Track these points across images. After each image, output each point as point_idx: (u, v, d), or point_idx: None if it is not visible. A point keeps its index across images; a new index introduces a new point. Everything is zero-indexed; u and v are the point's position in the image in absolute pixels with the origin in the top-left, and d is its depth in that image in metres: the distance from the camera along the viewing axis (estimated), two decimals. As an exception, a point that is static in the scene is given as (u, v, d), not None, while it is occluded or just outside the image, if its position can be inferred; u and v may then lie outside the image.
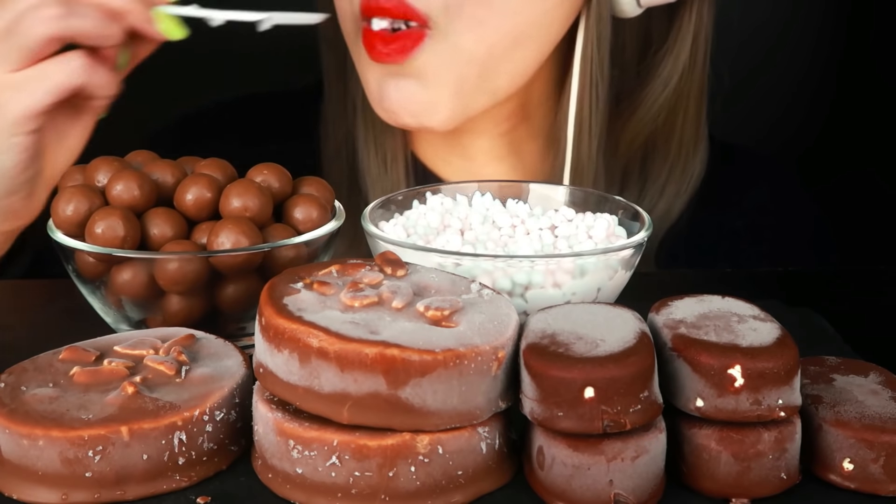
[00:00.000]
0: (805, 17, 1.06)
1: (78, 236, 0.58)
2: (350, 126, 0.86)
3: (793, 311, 0.62)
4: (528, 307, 0.56)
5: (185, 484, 0.47)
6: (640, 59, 0.85)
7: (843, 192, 1.07)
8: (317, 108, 0.89)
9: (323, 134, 0.88)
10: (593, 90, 0.80)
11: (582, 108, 0.80)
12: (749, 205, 0.91)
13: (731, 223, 0.90)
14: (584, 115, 0.81)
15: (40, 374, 0.49)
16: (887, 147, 1.07)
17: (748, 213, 0.91)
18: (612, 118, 0.84)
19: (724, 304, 0.50)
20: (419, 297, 0.49)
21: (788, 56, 1.06)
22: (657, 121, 0.85)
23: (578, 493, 0.44)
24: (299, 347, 0.44)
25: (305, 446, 0.45)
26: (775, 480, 0.46)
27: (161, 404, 0.47)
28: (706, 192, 0.88)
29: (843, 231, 1.03)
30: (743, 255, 0.90)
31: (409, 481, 0.45)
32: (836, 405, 0.48)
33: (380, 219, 0.63)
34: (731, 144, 0.93)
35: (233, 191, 0.58)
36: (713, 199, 0.89)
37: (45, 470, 0.45)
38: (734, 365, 0.45)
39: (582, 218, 0.62)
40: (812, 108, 1.08)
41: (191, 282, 0.56)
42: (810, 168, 1.06)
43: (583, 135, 0.81)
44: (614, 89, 0.83)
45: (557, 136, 0.83)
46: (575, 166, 0.81)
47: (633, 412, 0.44)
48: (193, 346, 0.52)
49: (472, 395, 0.45)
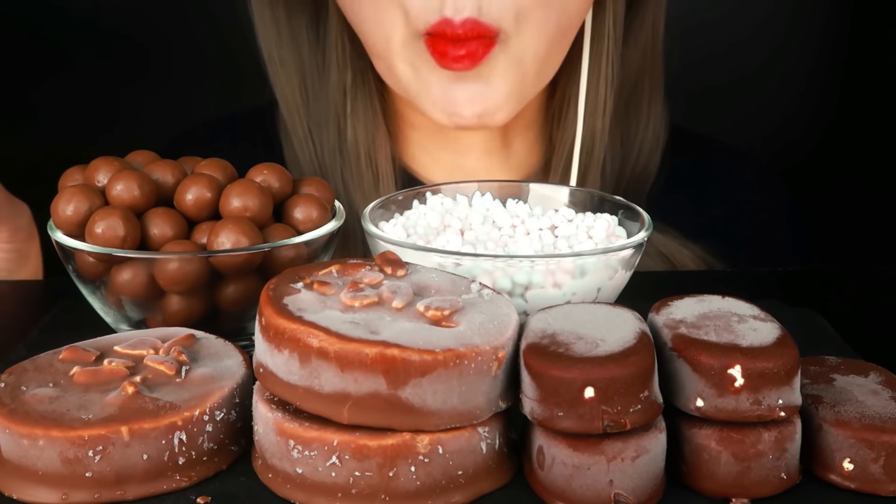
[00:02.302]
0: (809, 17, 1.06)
1: (78, 236, 0.58)
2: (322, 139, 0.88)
3: (793, 311, 0.62)
4: (528, 307, 0.56)
5: (185, 484, 0.47)
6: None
7: (842, 193, 1.07)
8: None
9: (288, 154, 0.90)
10: (608, 67, 0.83)
11: (598, 85, 0.83)
12: (730, 198, 0.94)
13: (710, 214, 0.93)
14: (600, 93, 0.83)
15: (40, 374, 0.49)
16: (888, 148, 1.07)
17: (729, 206, 0.94)
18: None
19: (724, 304, 0.50)
20: (419, 297, 0.49)
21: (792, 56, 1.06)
22: (631, 81, 0.89)
23: (578, 493, 0.44)
24: (299, 347, 0.44)
25: (305, 446, 0.45)
26: (775, 480, 0.46)
27: (161, 404, 0.47)
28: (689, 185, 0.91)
29: (843, 231, 1.03)
30: (721, 240, 0.92)
31: (409, 481, 0.45)
32: (836, 405, 0.48)
33: (380, 219, 0.63)
34: (720, 141, 0.96)
35: (233, 191, 0.58)
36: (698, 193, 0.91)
37: (45, 470, 0.45)
38: (734, 365, 0.45)
39: (582, 218, 0.62)
40: (815, 108, 1.08)
41: (191, 282, 0.56)
42: (810, 169, 1.06)
43: (597, 111, 0.84)
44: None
45: (550, 123, 0.86)
46: (586, 142, 0.83)
47: (633, 412, 0.44)
48: (193, 346, 0.52)
49: (472, 395, 0.45)
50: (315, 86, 0.87)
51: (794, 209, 0.98)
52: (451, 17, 0.74)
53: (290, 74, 0.88)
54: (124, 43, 1.00)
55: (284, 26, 0.87)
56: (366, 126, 0.85)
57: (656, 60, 0.90)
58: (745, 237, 0.94)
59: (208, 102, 0.99)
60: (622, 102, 0.90)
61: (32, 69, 1.00)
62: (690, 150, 0.94)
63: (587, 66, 0.83)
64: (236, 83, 1.01)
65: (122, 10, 0.99)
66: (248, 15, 0.90)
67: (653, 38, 0.89)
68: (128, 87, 0.99)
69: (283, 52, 0.87)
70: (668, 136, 0.92)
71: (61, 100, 0.99)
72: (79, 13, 0.99)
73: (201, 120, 0.96)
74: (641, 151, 0.91)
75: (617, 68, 0.84)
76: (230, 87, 1.01)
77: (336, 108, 0.86)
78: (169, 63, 1.00)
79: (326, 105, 0.87)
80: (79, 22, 0.99)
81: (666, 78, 0.91)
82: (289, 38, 0.87)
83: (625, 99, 0.90)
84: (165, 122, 0.96)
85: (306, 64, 0.88)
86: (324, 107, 0.87)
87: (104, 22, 0.99)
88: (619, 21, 0.83)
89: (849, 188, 1.06)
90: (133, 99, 1.00)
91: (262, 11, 0.87)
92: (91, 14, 0.99)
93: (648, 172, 0.91)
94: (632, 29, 0.88)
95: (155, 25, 1.00)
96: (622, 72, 0.88)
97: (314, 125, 0.88)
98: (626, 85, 0.89)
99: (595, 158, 0.85)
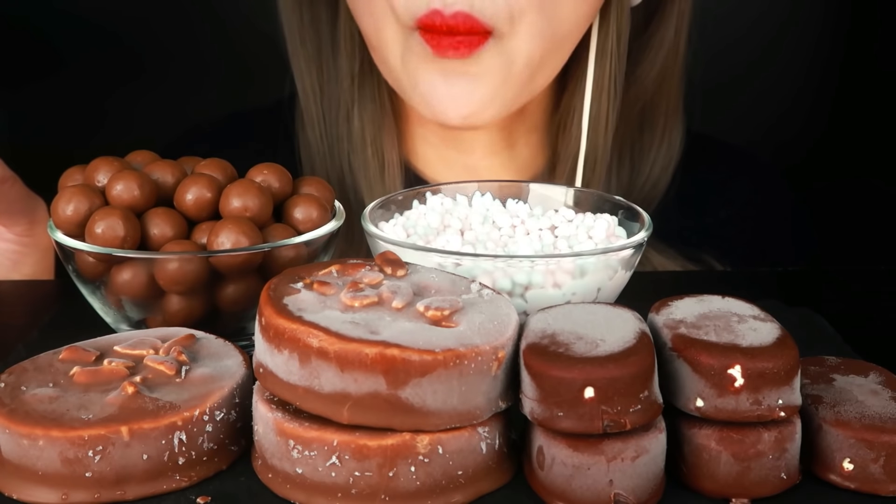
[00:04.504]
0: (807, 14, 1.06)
1: (78, 236, 0.58)
2: (335, 135, 0.88)
3: (793, 311, 0.62)
4: (528, 307, 0.56)
5: (185, 484, 0.47)
6: (631, 42, 0.88)
7: (843, 193, 1.07)
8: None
9: (302, 147, 0.90)
10: (611, 84, 0.83)
11: (601, 101, 0.83)
12: (733, 199, 0.94)
13: (714, 215, 0.93)
14: (602, 108, 0.83)
15: (40, 374, 0.49)
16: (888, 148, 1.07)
17: (732, 206, 0.94)
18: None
19: (724, 304, 0.50)
20: (419, 297, 0.49)
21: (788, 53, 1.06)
22: (646, 98, 0.89)
23: (578, 493, 0.44)
24: (299, 347, 0.44)
25: (305, 446, 0.45)
26: (775, 480, 0.46)
27: (161, 404, 0.47)
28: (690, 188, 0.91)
29: (843, 231, 1.03)
30: (726, 246, 0.92)
31: (409, 481, 0.45)
32: (836, 405, 0.48)
33: (380, 219, 0.63)
34: (721, 140, 0.96)
35: (233, 191, 0.58)
36: (697, 194, 0.92)
37: (45, 470, 0.45)
38: (734, 365, 0.45)
39: (582, 218, 0.62)
40: (814, 106, 1.08)
41: (191, 282, 0.56)
42: (810, 168, 1.06)
43: (599, 127, 0.84)
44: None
45: (555, 131, 0.86)
46: (590, 157, 0.84)
47: (633, 412, 0.44)
48: (193, 346, 0.52)
49: (472, 395, 0.45)
50: (331, 68, 0.88)
51: (796, 210, 0.98)
52: (440, 8, 0.74)
53: (310, 56, 0.88)
54: (124, 43, 1.00)
55: (307, 6, 0.87)
56: (372, 116, 0.86)
57: (673, 82, 0.90)
58: (747, 238, 0.95)
59: (208, 102, 0.99)
60: (635, 120, 0.90)
61: (32, 69, 1.00)
62: (691, 151, 0.94)
63: (591, 83, 0.83)
64: (237, 83, 1.01)
65: (122, 9, 0.99)
66: (255, 11, 0.91)
67: (672, 61, 0.89)
68: (127, 86, 0.99)
69: (304, 31, 0.87)
70: (683, 160, 0.92)
71: (61, 100, 0.99)
72: (79, 13, 0.99)
73: (201, 119, 0.96)
74: (653, 169, 0.91)
75: (620, 86, 0.84)
76: (230, 87, 1.01)
77: (345, 95, 0.87)
78: (169, 63, 1.00)
79: (339, 91, 0.87)
80: (79, 21, 0.99)
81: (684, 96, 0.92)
82: (309, 19, 0.87)
83: (638, 117, 0.90)
84: (165, 123, 0.96)
85: (324, 45, 0.88)
86: (335, 92, 0.87)
87: (104, 22, 0.99)
88: (623, 39, 0.83)
89: (848, 188, 1.06)
90: (133, 99, 1.00)
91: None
92: (92, 14, 0.99)
93: (658, 190, 0.91)
94: (650, 46, 0.88)
95: (154, 26, 1.00)
96: (637, 90, 0.89)
97: (327, 109, 0.88)
98: (639, 104, 0.90)
99: (597, 175, 0.85)
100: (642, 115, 0.90)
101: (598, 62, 0.82)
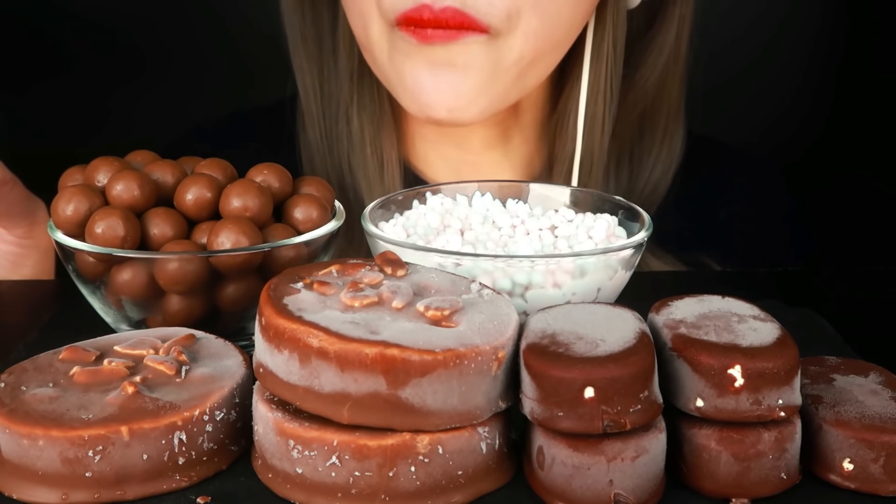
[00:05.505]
0: (805, 15, 1.06)
1: (78, 236, 0.58)
2: (334, 136, 0.88)
3: (793, 311, 0.62)
4: (528, 307, 0.56)
5: (185, 484, 0.47)
6: (631, 45, 0.87)
7: (841, 193, 1.07)
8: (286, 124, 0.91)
9: (303, 145, 0.90)
10: (607, 87, 0.83)
11: (596, 104, 0.83)
12: (733, 200, 0.94)
13: (714, 216, 0.93)
14: (598, 110, 0.83)
15: (40, 374, 0.49)
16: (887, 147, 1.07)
17: (732, 207, 0.94)
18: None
19: (724, 304, 0.50)
20: (419, 297, 0.49)
21: (786, 53, 1.06)
22: (646, 102, 0.89)
23: (578, 493, 0.44)
24: (299, 347, 0.44)
25: (305, 446, 0.45)
26: (775, 480, 0.46)
27: (161, 404, 0.47)
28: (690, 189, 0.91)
29: (843, 232, 1.03)
30: (727, 246, 0.92)
31: (409, 481, 0.45)
32: (836, 405, 0.48)
33: (380, 219, 0.63)
34: (719, 141, 0.96)
35: (233, 191, 0.58)
36: (697, 195, 0.92)
37: (45, 470, 0.45)
38: (734, 365, 0.45)
39: (582, 218, 0.62)
40: (811, 106, 1.08)
41: (191, 282, 0.56)
42: (809, 169, 1.06)
43: (595, 130, 0.83)
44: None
45: (552, 129, 0.86)
46: (586, 159, 0.84)
47: (633, 412, 0.44)
48: (193, 346, 0.52)
49: (472, 395, 0.45)
50: (331, 67, 0.88)
51: (796, 210, 0.99)
52: (429, 3, 0.74)
53: (311, 55, 0.88)
54: (125, 43, 1.00)
55: (308, 5, 0.87)
56: (371, 115, 0.86)
57: (674, 87, 0.90)
58: (746, 239, 0.95)
59: (209, 102, 0.99)
60: (635, 124, 0.90)
61: (32, 69, 1.00)
62: (690, 152, 0.94)
63: (586, 85, 0.83)
64: (237, 83, 1.01)
65: (122, 9, 0.99)
66: (255, 11, 0.90)
67: (673, 65, 0.89)
68: (127, 86, 0.99)
69: (306, 30, 0.87)
70: (682, 161, 0.92)
71: (61, 100, 0.99)
72: (79, 13, 0.99)
73: (202, 119, 0.96)
74: (653, 173, 0.91)
75: (617, 89, 0.84)
76: (231, 86, 1.01)
77: (344, 94, 0.86)
78: (169, 63, 1.00)
79: (338, 89, 0.87)
80: (79, 21, 0.99)
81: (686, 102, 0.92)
82: (311, 17, 0.87)
83: (638, 121, 0.90)
84: (165, 123, 0.96)
85: (324, 43, 0.88)
86: (335, 91, 0.87)
87: (104, 22, 0.99)
88: (620, 41, 0.83)
89: (848, 188, 1.06)
90: (133, 99, 1.00)
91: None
92: (92, 14, 0.99)
93: (657, 193, 0.91)
94: (650, 50, 0.88)
95: (155, 25, 1.00)
96: (637, 94, 0.89)
97: (327, 108, 0.88)
98: (639, 108, 0.89)
99: (594, 177, 0.85)
100: (642, 120, 0.90)
101: (593, 64, 0.82)
